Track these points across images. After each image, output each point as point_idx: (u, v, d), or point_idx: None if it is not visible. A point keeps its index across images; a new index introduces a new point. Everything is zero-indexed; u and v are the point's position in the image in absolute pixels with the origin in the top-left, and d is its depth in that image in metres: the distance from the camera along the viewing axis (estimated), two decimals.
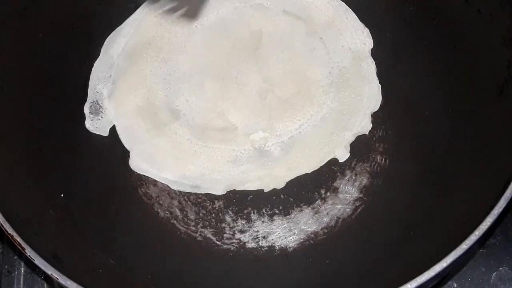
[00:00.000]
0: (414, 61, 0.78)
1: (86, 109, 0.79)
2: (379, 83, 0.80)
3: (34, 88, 0.74)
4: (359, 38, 0.81)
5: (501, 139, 0.65)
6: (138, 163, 0.77)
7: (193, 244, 0.73)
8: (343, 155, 0.76)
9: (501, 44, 0.67)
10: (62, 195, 0.71)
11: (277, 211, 0.75)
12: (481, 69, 0.70)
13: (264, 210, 0.75)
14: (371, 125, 0.77)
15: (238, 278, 0.71)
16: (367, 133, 0.77)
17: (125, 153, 0.77)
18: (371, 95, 0.78)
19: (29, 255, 0.57)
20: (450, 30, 0.75)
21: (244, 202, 0.76)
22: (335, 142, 0.77)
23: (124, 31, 0.82)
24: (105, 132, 0.78)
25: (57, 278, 0.56)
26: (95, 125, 0.78)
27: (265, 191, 0.75)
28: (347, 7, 0.83)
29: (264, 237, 0.74)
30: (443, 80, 0.75)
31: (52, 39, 0.76)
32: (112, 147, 0.78)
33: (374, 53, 0.81)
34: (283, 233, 0.74)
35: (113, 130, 0.79)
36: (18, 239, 0.58)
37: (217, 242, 0.73)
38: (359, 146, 0.78)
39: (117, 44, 0.82)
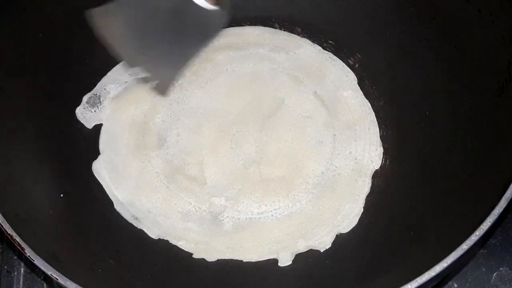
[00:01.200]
0: (414, 61, 0.78)
1: (85, 97, 0.79)
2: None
3: (34, 88, 0.74)
4: (370, 153, 0.76)
5: (501, 139, 0.65)
6: (100, 168, 0.75)
7: None
8: (285, 261, 0.71)
9: (502, 44, 0.67)
10: (62, 195, 0.71)
11: None
12: (481, 69, 0.70)
13: None
14: (330, 245, 0.71)
15: (238, 278, 0.71)
16: (321, 250, 0.71)
17: None
18: (347, 216, 0.73)
19: (29, 255, 0.57)
20: (450, 30, 0.75)
21: None
22: (285, 244, 0.72)
23: None
24: (89, 125, 0.78)
25: (57, 279, 0.56)
26: (84, 115, 0.78)
27: (193, 256, 0.72)
28: (375, 119, 0.78)
29: None
30: (443, 80, 0.75)
31: (52, 39, 0.76)
32: None
33: (375, 53, 0.81)
34: None
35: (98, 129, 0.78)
36: (18, 239, 0.57)
37: None
38: None
39: None
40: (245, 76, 0.81)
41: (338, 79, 0.80)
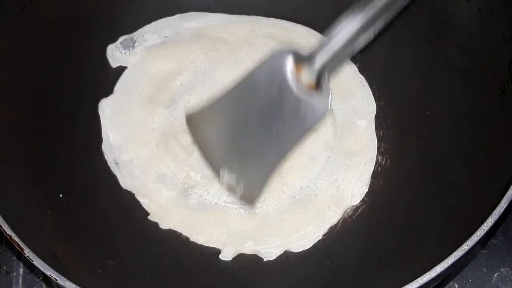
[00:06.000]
0: (414, 61, 0.78)
1: (121, 38, 0.81)
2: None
3: (34, 88, 0.73)
4: (354, 188, 0.74)
5: (502, 139, 0.65)
6: (106, 106, 0.78)
7: (193, 244, 0.73)
8: (227, 256, 0.71)
9: (502, 44, 0.67)
10: (61, 195, 0.70)
11: None
12: (482, 68, 0.70)
13: None
14: (275, 258, 0.71)
15: (238, 278, 0.71)
16: (264, 260, 0.71)
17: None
18: (304, 237, 0.72)
19: (28, 256, 0.57)
20: (450, 29, 0.75)
21: None
22: (235, 240, 0.71)
23: (212, 18, 0.83)
24: (114, 64, 0.80)
25: (56, 279, 0.56)
26: (114, 53, 0.80)
27: (149, 217, 0.73)
28: (375, 157, 0.75)
29: None
30: (444, 80, 0.75)
31: (51, 38, 0.76)
32: None
33: (375, 53, 0.81)
34: None
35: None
36: (17, 239, 0.57)
37: None
38: None
39: (196, 22, 0.83)
40: None
41: (359, 106, 0.79)
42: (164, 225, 0.73)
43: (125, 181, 0.75)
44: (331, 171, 0.75)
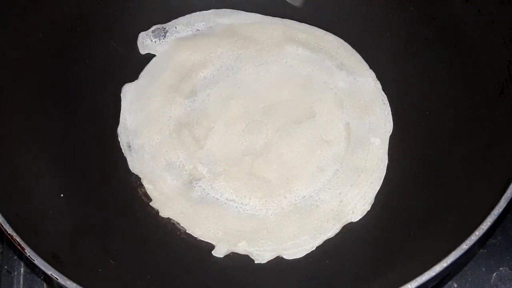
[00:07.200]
0: (414, 61, 0.78)
1: (154, 27, 0.83)
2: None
3: (34, 88, 0.74)
4: (356, 205, 0.73)
5: (501, 139, 0.65)
6: (129, 90, 0.80)
7: (193, 244, 0.73)
8: (219, 252, 0.71)
9: (502, 44, 0.67)
10: (62, 195, 0.71)
11: None
12: (481, 69, 0.70)
13: None
14: (265, 261, 0.71)
15: (238, 278, 0.71)
16: (255, 262, 0.71)
17: (125, 156, 0.77)
18: (298, 245, 0.71)
19: (29, 255, 0.57)
20: (450, 30, 0.75)
21: None
22: (229, 238, 0.72)
23: (246, 17, 0.84)
24: (142, 51, 0.82)
25: (57, 278, 0.56)
26: (144, 41, 0.82)
27: (151, 203, 0.74)
28: (382, 177, 0.74)
29: None
30: (443, 80, 0.75)
31: (52, 39, 0.76)
32: (112, 147, 0.78)
33: (375, 53, 0.81)
34: None
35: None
36: (18, 239, 0.57)
37: None
38: None
39: (229, 18, 0.84)
40: (297, 76, 0.81)
41: (376, 124, 0.78)
42: (164, 213, 0.74)
43: (134, 165, 0.76)
44: (337, 184, 0.75)
